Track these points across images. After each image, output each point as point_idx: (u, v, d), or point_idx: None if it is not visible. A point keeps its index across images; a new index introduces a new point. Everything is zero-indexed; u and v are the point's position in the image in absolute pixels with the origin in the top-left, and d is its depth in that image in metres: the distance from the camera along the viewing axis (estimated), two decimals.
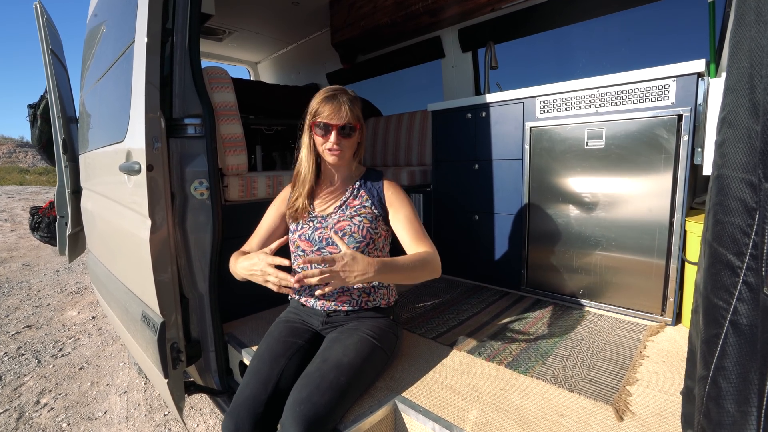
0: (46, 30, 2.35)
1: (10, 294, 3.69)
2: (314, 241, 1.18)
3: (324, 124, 1.13)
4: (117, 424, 1.88)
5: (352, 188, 1.25)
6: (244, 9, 2.90)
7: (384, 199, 1.23)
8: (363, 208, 1.21)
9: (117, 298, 1.59)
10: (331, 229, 1.17)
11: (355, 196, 1.23)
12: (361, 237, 1.16)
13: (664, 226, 1.41)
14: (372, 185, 1.25)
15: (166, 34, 1.24)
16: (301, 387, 0.93)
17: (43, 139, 2.63)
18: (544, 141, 1.67)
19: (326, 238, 1.17)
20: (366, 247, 1.17)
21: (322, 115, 1.13)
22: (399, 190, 1.24)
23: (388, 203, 1.22)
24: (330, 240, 1.16)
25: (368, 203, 1.22)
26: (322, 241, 1.17)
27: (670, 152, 1.36)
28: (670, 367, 1.14)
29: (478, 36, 2.48)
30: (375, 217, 1.20)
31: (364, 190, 1.24)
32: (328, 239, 1.16)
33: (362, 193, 1.24)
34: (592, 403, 0.98)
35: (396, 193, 1.23)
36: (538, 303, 1.70)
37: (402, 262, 1.06)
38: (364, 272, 0.96)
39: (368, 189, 1.24)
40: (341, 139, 1.14)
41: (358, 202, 1.22)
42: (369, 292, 1.19)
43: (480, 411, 0.97)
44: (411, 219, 1.19)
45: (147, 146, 1.13)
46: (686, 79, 1.30)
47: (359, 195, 1.24)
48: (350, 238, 1.15)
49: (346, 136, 1.14)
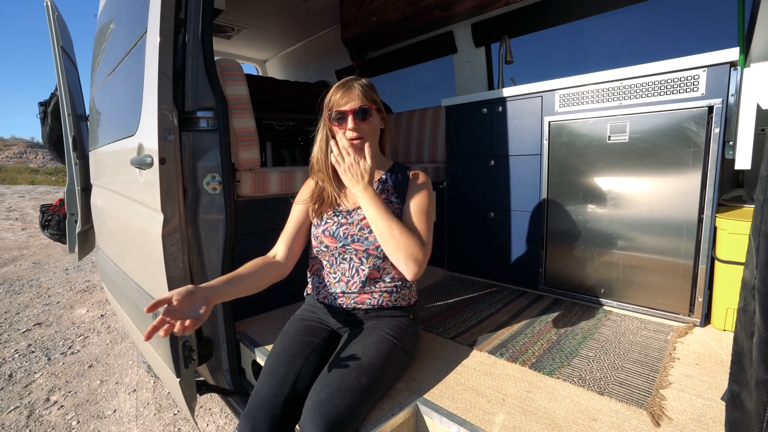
0: (57, 27, 2.34)
1: (20, 292, 3.70)
2: (338, 237, 1.13)
3: (338, 112, 1.08)
4: (126, 423, 1.85)
5: (378, 181, 1.20)
6: (254, 6, 2.88)
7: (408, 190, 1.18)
8: (389, 204, 1.15)
9: (127, 296, 1.56)
10: (357, 225, 1.13)
11: (382, 191, 1.18)
12: None
13: (692, 223, 1.36)
14: (399, 178, 1.20)
15: (178, 25, 1.21)
16: (321, 388, 0.89)
17: (54, 136, 2.63)
18: (563, 136, 1.62)
19: (351, 234, 1.12)
20: None
21: (336, 104, 1.09)
22: (423, 185, 1.17)
23: (409, 195, 1.16)
24: (355, 236, 1.12)
25: (394, 198, 1.17)
26: (347, 237, 1.12)
27: (699, 146, 1.31)
28: (704, 370, 1.09)
29: (492, 30, 2.43)
30: (400, 213, 1.15)
31: (390, 184, 1.19)
32: (354, 235, 1.12)
33: (388, 187, 1.19)
34: (625, 407, 0.94)
35: (419, 187, 1.16)
36: (557, 302, 1.65)
37: (389, 214, 1.03)
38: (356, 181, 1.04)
39: (395, 182, 1.19)
40: (358, 123, 1.09)
41: (384, 196, 1.17)
42: (391, 291, 1.14)
43: (506, 414, 0.92)
44: (418, 213, 1.11)
45: (159, 139, 1.09)
46: (718, 69, 1.25)
47: (385, 189, 1.19)
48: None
49: (362, 119, 1.09)
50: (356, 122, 1.08)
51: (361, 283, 1.11)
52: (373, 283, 1.12)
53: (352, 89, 1.09)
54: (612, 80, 1.45)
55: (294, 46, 3.74)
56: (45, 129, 2.64)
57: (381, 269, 1.13)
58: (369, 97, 1.10)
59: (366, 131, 1.10)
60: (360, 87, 1.10)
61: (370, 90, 1.12)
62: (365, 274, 1.11)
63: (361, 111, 1.08)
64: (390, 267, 1.13)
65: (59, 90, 2.38)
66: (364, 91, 1.10)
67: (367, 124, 1.10)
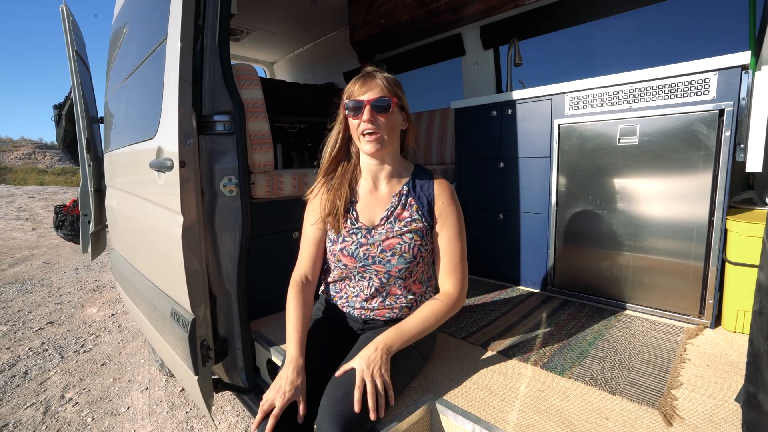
0: (72, 32, 2.38)
1: (32, 291, 3.76)
2: (358, 258, 1.07)
3: (355, 102, 1.01)
4: (140, 420, 1.89)
5: (400, 194, 1.10)
6: (263, 9, 2.91)
7: (434, 205, 1.10)
8: (413, 223, 1.08)
9: (144, 295, 1.59)
10: (379, 246, 1.06)
11: (404, 206, 1.09)
12: (411, 257, 1.06)
13: (702, 226, 1.37)
14: (422, 189, 1.10)
15: (197, 31, 1.24)
16: (337, 387, 0.91)
17: (68, 138, 2.67)
18: (573, 138, 1.63)
19: (372, 255, 1.06)
20: (416, 267, 1.08)
21: (353, 93, 1.02)
22: (449, 196, 1.10)
23: (437, 213, 1.09)
24: (376, 258, 1.05)
25: (418, 215, 1.08)
26: (368, 258, 1.06)
27: (710, 149, 1.32)
28: (715, 371, 1.10)
29: (501, 33, 2.44)
30: (425, 232, 1.09)
31: (413, 196, 1.10)
32: (375, 257, 1.05)
33: (411, 201, 1.10)
34: (637, 407, 0.95)
35: (447, 203, 1.09)
36: (566, 303, 1.66)
37: (410, 330, 1.00)
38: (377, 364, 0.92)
39: (417, 195, 1.09)
40: (375, 115, 1.00)
41: (407, 214, 1.09)
42: (411, 306, 1.11)
43: (520, 412, 0.94)
44: (452, 240, 1.08)
45: (180, 143, 1.12)
46: (729, 72, 1.26)
47: (408, 204, 1.09)
48: (400, 259, 1.05)
49: (381, 112, 1.00)
50: (373, 114, 1.00)
51: (381, 300, 1.10)
52: (393, 301, 1.11)
53: (373, 79, 1.02)
54: (622, 83, 1.47)
55: (302, 48, 3.77)
56: (59, 131, 2.69)
57: (402, 287, 1.10)
58: (391, 91, 1.03)
59: (384, 127, 1.02)
60: (383, 79, 1.03)
61: (393, 84, 1.05)
62: (386, 293, 1.10)
63: (380, 102, 1.00)
64: (412, 284, 1.11)
65: (73, 93, 2.42)
66: (387, 84, 1.02)
67: (385, 118, 1.02)
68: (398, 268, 1.06)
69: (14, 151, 29.14)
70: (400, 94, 1.06)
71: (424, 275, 1.15)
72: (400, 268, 1.06)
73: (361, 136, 1.04)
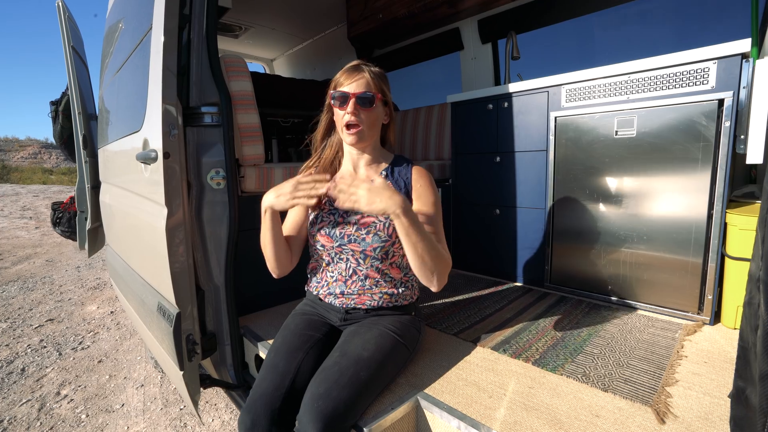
0: (68, 27, 2.38)
1: (34, 289, 3.78)
2: (335, 237, 1.09)
3: (341, 93, 1.03)
4: (134, 417, 1.88)
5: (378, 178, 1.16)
6: (261, 4, 2.90)
7: (411, 189, 1.12)
8: None
9: (134, 291, 1.58)
10: (354, 225, 1.09)
11: None
12: (387, 236, 1.06)
13: (701, 220, 1.33)
14: (399, 174, 1.14)
15: (183, 20, 1.22)
16: (319, 382, 0.89)
17: (65, 135, 2.67)
18: (570, 131, 1.60)
19: (348, 234, 1.08)
20: (391, 247, 1.08)
21: (340, 83, 1.04)
22: (428, 181, 1.13)
23: (415, 195, 1.11)
24: (352, 236, 1.08)
25: None
26: (344, 237, 1.08)
27: (709, 140, 1.28)
28: (712, 368, 1.06)
29: (499, 26, 2.41)
30: None
31: (390, 180, 1.13)
32: (350, 235, 1.08)
33: (389, 184, 1.13)
34: (629, 404, 0.92)
35: (424, 185, 1.12)
36: (563, 300, 1.62)
37: (426, 233, 0.96)
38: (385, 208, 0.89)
39: (395, 179, 1.13)
40: (359, 109, 1.02)
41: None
42: (391, 293, 1.11)
43: (508, 409, 0.91)
44: (430, 211, 1.08)
45: (164, 133, 1.10)
46: (729, 61, 1.22)
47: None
48: (375, 237, 1.06)
49: (365, 107, 1.03)
50: (357, 107, 1.02)
51: (360, 283, 1.09)
52: (372, 285, 1.10)
53: (360, 72, 1.04)
54: (619, 74, 1.43)
55: (301, 45, 3.76)
56: (56, 128, 2.69)
57: (380, 270, 1.10)
58: (377, 86, 1.05)
59: (366, 121, 1.04)
60: (370, 72, 1.04)
61: (380, 79, 1.07)
62: (363, 275, 1.09)
63: (365, 97, 1.02)
64: (389, 268, 1.11)
65: (70, 89, 2.42)
66: (373, 78, 1.04)
67: (367, 113, 1.04)
68: (373, 247, 1.06)
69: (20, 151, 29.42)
70: (385, 90, 1.09)
71: (402, 261, 1.14)
72: (375, 247, 1.06)
73: (344, 127, 1.06)
